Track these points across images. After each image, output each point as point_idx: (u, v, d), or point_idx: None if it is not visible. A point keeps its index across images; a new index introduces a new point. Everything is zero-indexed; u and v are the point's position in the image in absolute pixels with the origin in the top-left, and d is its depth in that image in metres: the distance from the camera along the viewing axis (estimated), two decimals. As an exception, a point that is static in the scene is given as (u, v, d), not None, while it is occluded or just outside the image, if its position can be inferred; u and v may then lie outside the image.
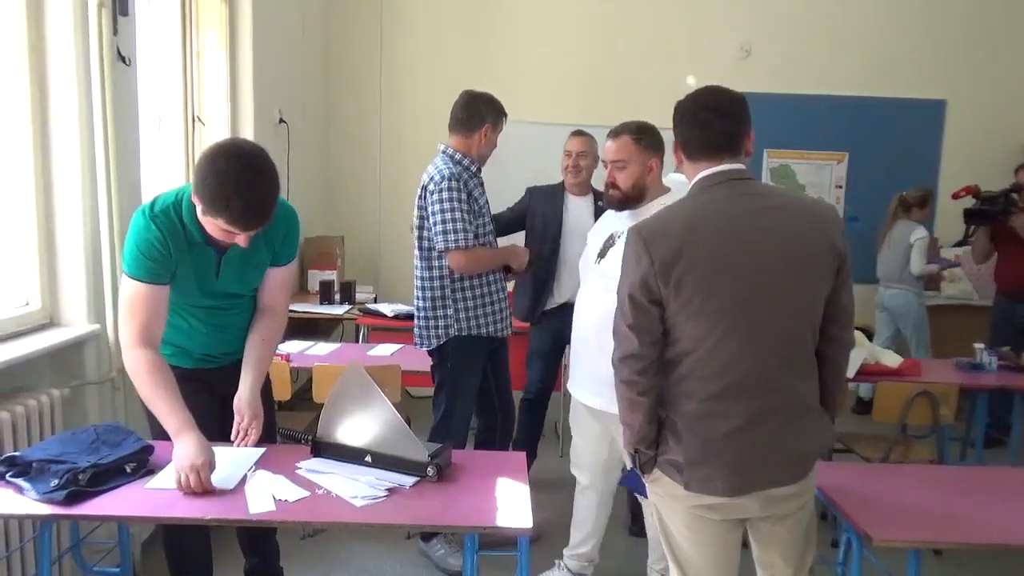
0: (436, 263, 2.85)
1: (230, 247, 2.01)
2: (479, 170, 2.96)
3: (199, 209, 1.89)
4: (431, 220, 2.79)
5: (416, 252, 2.91)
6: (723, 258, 1.66)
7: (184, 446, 1.84)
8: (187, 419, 1.90)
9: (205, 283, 2.06)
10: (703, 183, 1.75)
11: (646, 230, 1.72)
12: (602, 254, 2.41)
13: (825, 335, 1.76)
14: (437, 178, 2.79)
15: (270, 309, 2.20)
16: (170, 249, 1.97)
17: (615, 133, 2.44)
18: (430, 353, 2.94)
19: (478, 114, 2.90)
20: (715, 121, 1.75)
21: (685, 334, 1.69)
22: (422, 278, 2.89)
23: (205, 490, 1.80)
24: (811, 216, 1.74)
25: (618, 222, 2.41)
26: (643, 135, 2.42)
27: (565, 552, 2.80)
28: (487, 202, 2.98)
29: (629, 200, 2.39)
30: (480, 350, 2.93)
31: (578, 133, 3.49)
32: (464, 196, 2.78)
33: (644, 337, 1.70)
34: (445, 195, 2.75)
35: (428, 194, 2.80)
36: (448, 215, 2.75)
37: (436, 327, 2.87)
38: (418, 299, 2.92)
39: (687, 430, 1.71)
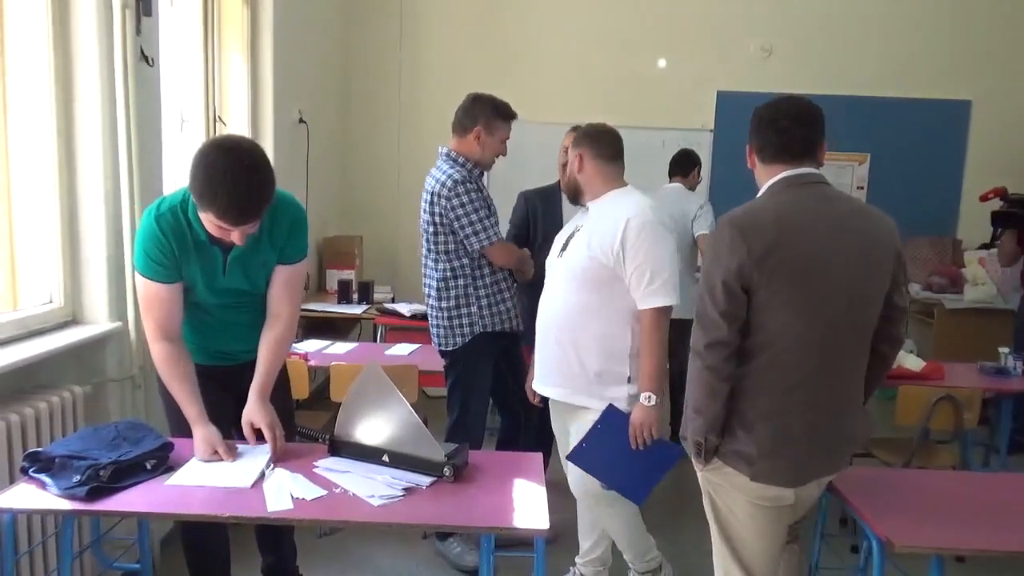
0: (457, 263, 2.86)
1: (234, 246, 2.00)
2: (481, 174, 2.94)
3: (196, 205, 1.90)
4: (458, 224, 2.80)
5: (429, 256, 2.93)
6: (812, 255, 1.75)
7: (197, 436, 2.00)
8: (198, 413, 2.01)
9: (213, 281, 2.07)
10: (784, 183, 1.85)
11: (740, 222, 1.78)
12: (564, 247, 2.48)
13: (880, 332, 1.87)
14: (449, 183, 2.79)
15: (277, 315, 2.17)
16: (173, 249, 1.98)
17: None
18: (443, 354, 2.95)
19: (470, 115, 2.88)
20: (794, 128, 1.85)
21: (768, 325, 1.76)
22: (443, 279, 2.89)
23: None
24: (879, 221, 1.86)
25: (580, 219, 2.52)
26: (576, 133, 2.58)
27: (578, 560, 2.78)
28: (492, 203, 2.98)
29: (568, 191, 2.61)
30: (495, 346, 2.95)
31: (574, 129, 3.23)
32: (479, 195, 2.83)
33: (733, 324, 1.76)
34: (464, 198, 2.77)
35: (442, 200, 2.80)
36: (474, 215, 2.79)
37: (462, 325, 2.89)
38: (439, 300, 2.91)
39: (760, 422, 1.79)
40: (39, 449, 1.91)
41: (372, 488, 1.85)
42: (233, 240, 1.93)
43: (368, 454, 2.00)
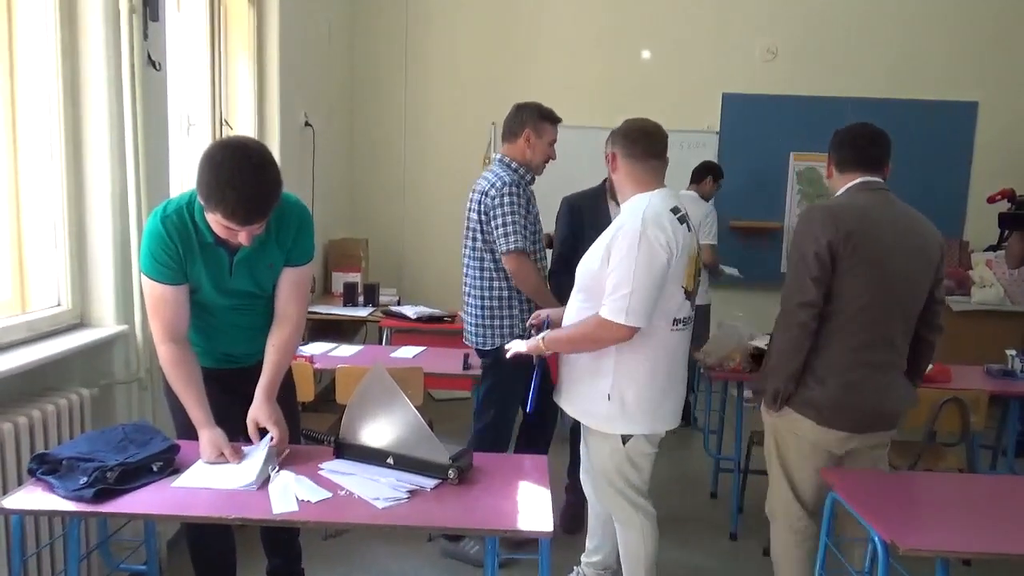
0: (490, 263, 2.96)
1: (240, 248, 2.01)
2: (533, 179, 3.04)
3: (203, 205, 1.91)
4: (494, 223, 2.88)
5: (473, 255, 3.00)
6: (881, 243, 2.19)
7: (201, 439, 2.00)
8: (204, 415, 2.02)
9: (220, 283, 2.08)
10: (859, 187, 2.31)
11: (830, 208, 2.25)
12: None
13: (924, 321, 2.33)
14: (499, 184, 2.90)
15: (283, 317, 2.17)
16: (179, 250, 1.99)
17: None
18: (482, 354, 3.02)
19: (518, 120, 3.01)
20: (868, 147, 2.34)
21: (843, 293, 2.19)
22: (487, 279, 2.97)
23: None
24: (930, 226, 2.32)
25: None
26: (611, 132, 2.46)
27: (583, 558, 2.79)
28: (537, 214, 3.05)
29: (610, 193, 2.63)
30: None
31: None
32: (523, 202, 2.92)
33: (820, 288, 2.19)
34: (507, 199, 2.87)
35: (488, 199, 2.90)
36: (510, 218, 2.87)
37: (500, 327, 2.96)
38: (480, 299, 2.99)
39: (830, 376, 2.21)
40: (46, 451, 1.93)
41: (377, 490, 1.85)
42: (240, 241, 1.94)
43: (373, 456, 2.00)
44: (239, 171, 1.82)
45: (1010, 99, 5.82)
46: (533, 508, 1.81)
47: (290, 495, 1.82)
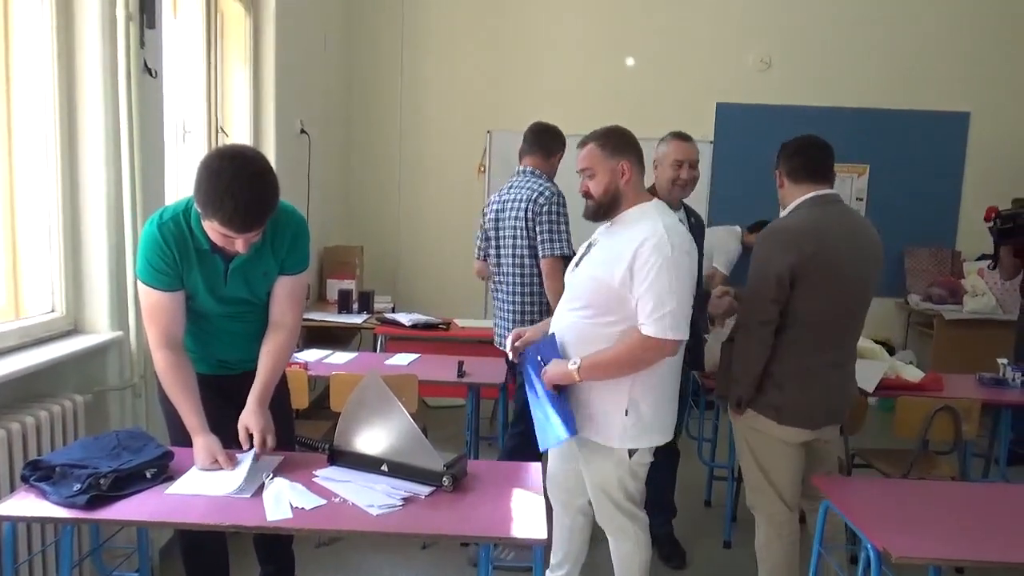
0: (533, 270, 3.16)
1: (236, 256, 2.02)
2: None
3: (200, 213, 1.91)
4: (543, 227, 3.10)
5: (514, 260, 3.20)
6: (839, 258, 2.34)
7: (196, 445, 2.00)
8: (199, 421, 2.02)
9: (215, 290, 2.08)
10: (814, 201, 2.42)
11: (792, 230, 2.37)
12: (577, 263, 2.35)
13: None
14: (547, 193, 3.13)
15: (278, 324, 2.18)
16: (175, 257, 2.00)
17: (582, 142, 2.30)
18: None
19: (559, 141, 3.32)
20: (818, 156, 2.46)
21: (800, 307, 2.34)
22: (527, 283, 3.19)
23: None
24: (874, 233, 2.47)
25: (601, 232, 2.35)
26: (608, 139, 2.27)
27: (547, 573, 2.70)
28: None
29: (603, 208, 2.27)
30: None
31: (684, 137, 3.12)
32: (567, 213, 3.12)
33: (778, 307, 2.35)
34: (555, 208, 3.11)
35: (538, 206, 3.11)
36: (556, 225, 3.10)
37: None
38: (520, 303, 3.20)
39: (788, 380, 2.38)
40: (40, 457, 1.92)
41: (371, 498, 1.85)
42: (237, 248, 1.94)
43: (367, 464, 2.00)
44: (237, 179, 1.82)
45: (1002, 110, 5.87)
46: (527, 515, 1.81)
47: (284, 502, 1.82)
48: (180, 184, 3.42)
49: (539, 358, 2.30)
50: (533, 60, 5.91)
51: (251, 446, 2.04)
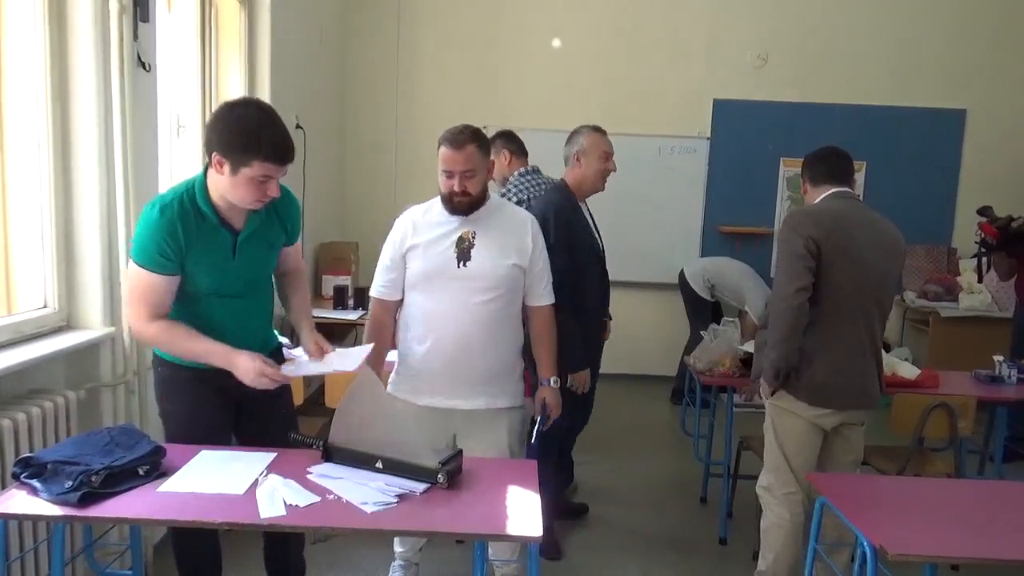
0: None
1: (244, 227, 2.05)
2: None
3: (228, 166, 1.92)
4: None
5: None
6: (855, 241, 2.51)
7: (241, 365, 2.00)
8: (224, 348, 2.02)
9: (222, 266, 2.07)
10: (833, 196, 2.63)
11: (810, 212, 2.60)
12: (464, 257, 2.40)
13: None
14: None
15: (295, 270, 2.33)
16: (180, 237, 1.98)
17: (459, 144, 2.39)
18: None
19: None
20: (837, 161, 2.69)
21: (827, 284, 2.48)
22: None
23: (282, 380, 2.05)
24: (894, 227, 2.64)
25: (458, 225, 2.42)
26: (483, 141, 2.47)
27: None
28: None
29: (478, 203, 2.43)
30: None
31: (603, 131, 3.29)
32: None
33: (811, 274, 2.46)
34: None
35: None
36: None
37: None
38: None
39: (820, 359, 2.50)
40: (31, 454, 1.90)
41: (366, 495, 1.84)
42: (270, 193, 1.98)
43: (362, 460, 1.99)
44: (267, 117, 1.93)
45: (998, 107, 5.87)
46: (522, 512, 1.80)
47: (278, 499, 1.80)
48: (174, 179, 3.40)
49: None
50: (530, 57, 5.90)
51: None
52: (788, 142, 5.80)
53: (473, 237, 2.41)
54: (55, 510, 1.72)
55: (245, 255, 2.10)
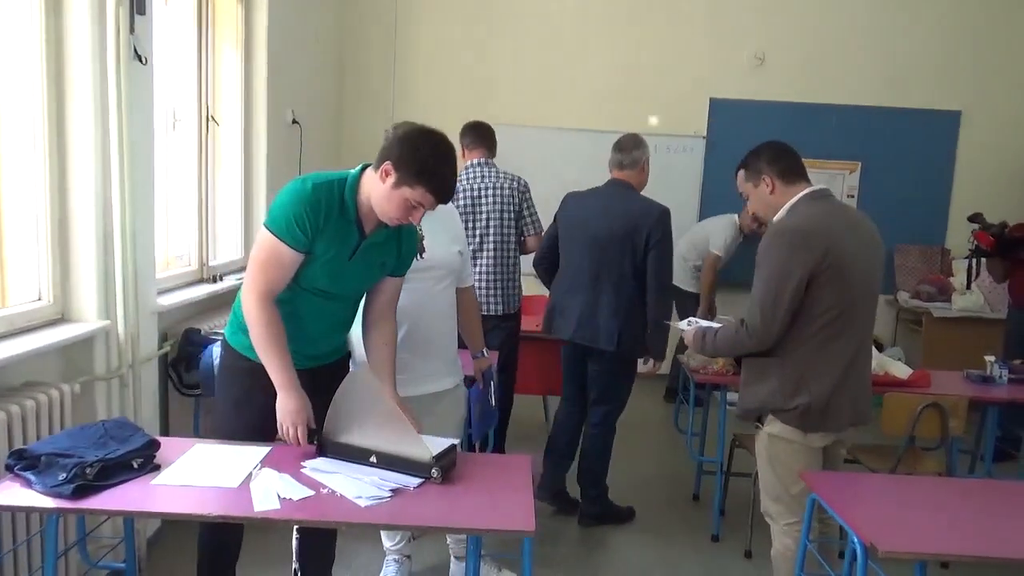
0: (515, 244, 3.66)
1: (373, 235, 2.08)
2: None
3: (393, 180, 1.95)
4: (528, 209, 3.65)
5: (499, 238, 3.61)
6: (849, 253, 2.32)
7: (289, 403, 2.01)
8: (292, 377, 2.03)
9: (338, 263, 2.07)
10: (811, 196, 2.40)
11: (803, 232, 2.32)
12: (420, 249, 2.48)
13: None
14: (523, 181, 3.65)
15: (387, 318, 2.25)
16: (321, 216, 2.00)
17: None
18: (506, 317, 3.65)
19: (495, 138, 3.81)
20: (796, 156, 2.48)
21: (818, 305, 2.30)
22: (514, 254, 3.67)
23: (301, 443, 2.04)
24: (872, 223, 2.45)
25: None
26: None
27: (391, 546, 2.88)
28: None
29: None
30: None
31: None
32: None
33: (790, 316, 2.31)
34: (529, 195, 3.65)
35: (521, 192, 3.62)
36: (535, 208, 3.69)
37: (518, 291, 3.72)
38: (504, 272, 3.63)
39: (816, 382, 2.32)
40: (25, 447, 1.91)
41: (359, 489, 1.85)
42: (413, 220, 2.02)
43: (356, 455, 2.00)
44: (448, 156, 2.00)
45: (992, 109, 5.90)
46: (516, 507, 1.81)
47: (272, 493, 1.81)
48: (170, 172, 3.39)
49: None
50: (527, 54, 5.89)
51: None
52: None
53: (421, 229, 2.45)
54: (48, 502, 1.73)
55: (360, 261, 2.10)
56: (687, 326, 2.70)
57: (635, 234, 3.23)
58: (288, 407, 2.02)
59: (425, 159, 1.94)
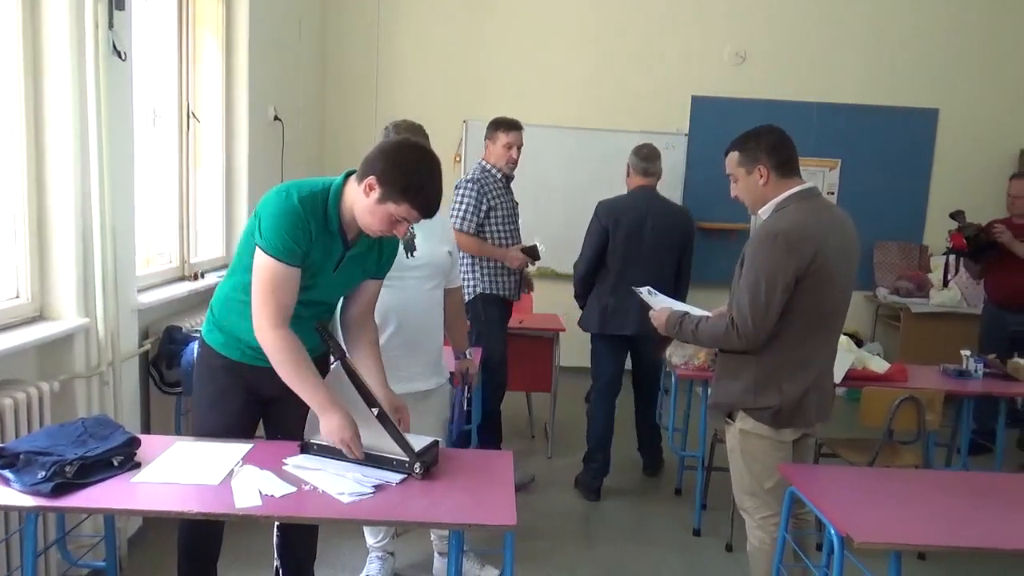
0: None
1: (355, 244, 2.05)
2: (503, 176, 3.74)
3: (377, 195, 1.91)
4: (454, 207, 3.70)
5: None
6: (831, 254, 2.28)
7: (330, 422, 1.95)
8: (330, 395, 1.98)
9: (322, 275, 2.05)
10: (802, 194, 2.34)
11: (793, 236, 2.26)
12: (410, 248, 2.55)
13: None
14: (460, 180, 3.74)
15: (369, 317, 2.23)
16: (311, 230, 1.97)
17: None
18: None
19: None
20: (794, 148, 2.40)
21: (800, 306, 2.28)
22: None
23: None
24: (851, 222, 2.41)
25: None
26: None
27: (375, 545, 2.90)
28: (508, 203, 3.75)
29: None
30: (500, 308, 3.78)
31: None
32: (474, 193, 3.62)
33: (777, 317, 2.27)
34: (462, 191, 3.66)
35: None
36: (460, 206, 3.65)
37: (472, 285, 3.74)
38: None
39: (787, 381, 2.33)
40: (3, 445, 1.89)
41: (342, 485, 1.85)
42: (397, 233, 2.00)
43: (338, 452, 2.00)
44: (433, 171, 1.97)
45: (969, 107, 5.98)
46: (498, 502, 1.82)
47: (254, 490, 1.81)
48: (151, 168, 3.37)
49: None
50: (509, 51, 5.90)
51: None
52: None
53: (412, 229, 2.46)
54: (27, 500, 1.71)
55: (343, 272, 2.09)
56: (648, 295, 2.74)
57: (683, 238, 3.78)
58: (331, 426, 1.95)
59: (410, 175, 1.92)
